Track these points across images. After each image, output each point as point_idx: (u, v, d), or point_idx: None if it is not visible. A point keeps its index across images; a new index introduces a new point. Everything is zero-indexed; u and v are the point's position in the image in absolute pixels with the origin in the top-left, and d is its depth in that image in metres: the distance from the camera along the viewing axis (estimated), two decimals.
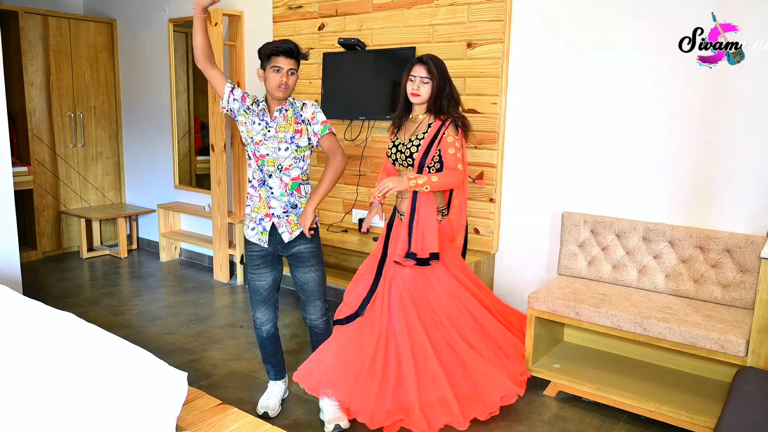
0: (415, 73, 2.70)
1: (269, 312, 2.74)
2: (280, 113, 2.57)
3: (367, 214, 2.91)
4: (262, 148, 2.57)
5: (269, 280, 2.69)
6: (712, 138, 2.86)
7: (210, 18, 3.60)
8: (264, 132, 2.57)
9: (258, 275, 2.68)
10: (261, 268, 2.67)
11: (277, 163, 2.57)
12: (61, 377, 1.86)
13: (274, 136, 2.56)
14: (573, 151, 3.26)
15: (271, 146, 2.56)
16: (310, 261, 2.67)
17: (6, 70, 4.64)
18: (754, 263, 2.75)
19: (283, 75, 2.50)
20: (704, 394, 2.73)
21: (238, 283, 4.73)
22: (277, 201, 2.60)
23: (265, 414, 2.74)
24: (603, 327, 2.77)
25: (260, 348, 2.84)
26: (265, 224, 2.61)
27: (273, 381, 2.88)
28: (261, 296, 2.71)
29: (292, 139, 2.56)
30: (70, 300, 4.30)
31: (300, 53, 2.53)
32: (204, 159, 5.21)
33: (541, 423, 2.74)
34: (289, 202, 2.61)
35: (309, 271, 2.67)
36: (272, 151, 2.56)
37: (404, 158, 2.77)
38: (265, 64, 2.54)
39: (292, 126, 2.57)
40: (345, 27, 4.02)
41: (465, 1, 3.48)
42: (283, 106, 2.58)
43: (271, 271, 2.69)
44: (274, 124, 2.56)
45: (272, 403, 2.79)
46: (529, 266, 3.49)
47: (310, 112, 2.58)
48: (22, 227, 5.13)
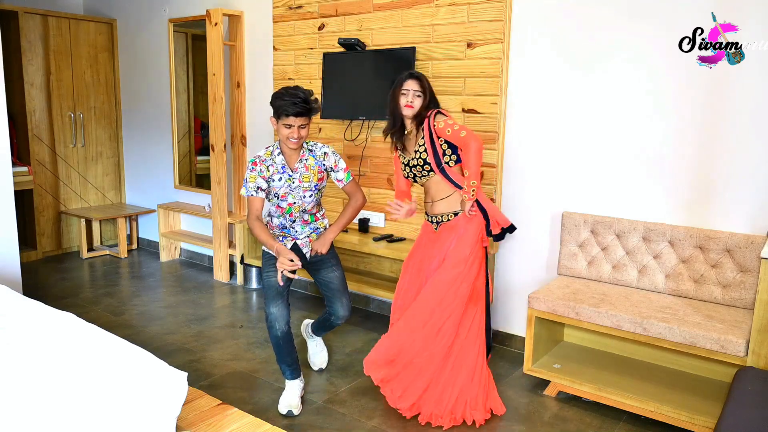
0: (408, 87, 2.74)
1: (283, 309, 2.78)
2: (300, 163, 2.76)
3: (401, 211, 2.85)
4: (289, 198, 2.77)
5: (286, 278, 2.75)
6: (712, 138, 2.86)
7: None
8: (288, 184, 2.76)
9: (275, 273, 2.76)
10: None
11: (302, 208, 2.81)
12: (61, 377, 1.86)
13: (299, 185, 2.76)
14: (573, 151, 3.26)
15: (297, 195, 2.77)
16: (330, 262, 2.93)
17: (6, 70, 4.64)
18: (754, 263, 2.75)
19: (293, 131, 2.65)
20: (704, 394, 2.73)
21: (238, 283, 4.73)
22: (300, 233, 2.87)
23: (289, 412, 2.76)
24: (603, 327, 2.77)
25: (275, 349, 2.83)
26: (287, 242, 2.86)
27: (290, 380, 2.87)
28: (276, 291, 2.77)
29: (316, 186, 2.80)
30: (70, 300, 4.30)
31: (311, 110, 2.64)
32: (204, 159, 5.21)
33: (541, 423, 2.74)
34: (311, 229, 2.89)
35: (331, 270, 2.93)
36: (298, 199, 2.78)
37: (420, 169, 2.77)
38: (277, 115, 2.66)
39: (316, 175, 2.79)
40: (345, 27, 4.02)
41: (465, 1, 3.48)
42: (303, 157, 2.76)
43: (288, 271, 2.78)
44: (297, 175, 2.76)
45: (295, 401, 2.80)
46: (529, 266, 3.49)
47: (332, 161, 2.81)
48: (22, 227, 5.13)
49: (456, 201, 2.77)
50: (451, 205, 2.78)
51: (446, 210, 2.79)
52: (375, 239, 3.87)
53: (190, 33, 5.19)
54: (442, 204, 2.79)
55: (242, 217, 4.69)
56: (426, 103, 2.75)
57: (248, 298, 4.43)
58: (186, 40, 5.20)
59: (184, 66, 5.24)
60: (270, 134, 4.58)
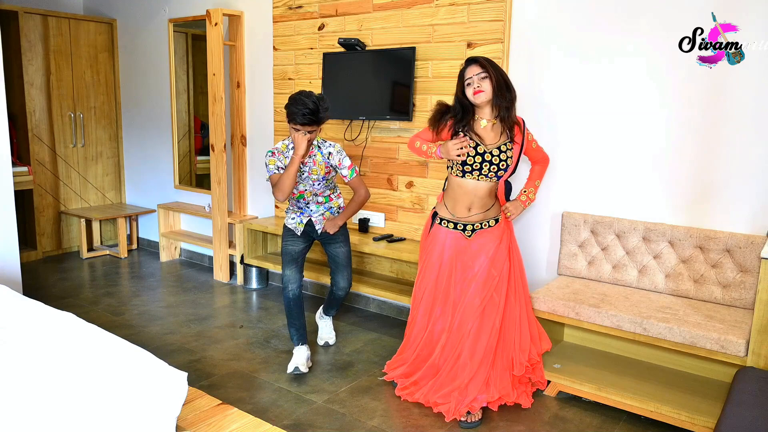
0: (470, 73, 2.64)
1: (297, 272, 3.20)
2: (310, 159, 3.09)
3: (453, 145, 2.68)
4: (300, 186, 3.13)
5: (301, 247, 3.25)
6: (712, 138, 2.86)
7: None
8: (299, 175, 3.10)
9: (292, 242, 3.23)
10: (295, 239, 3.24)
11: (313, 193, 3.18)
12: (61, 377, 1.86)
13: (308, 177, 3.11)
14: (573, 151, 3.26)
15: (307, 184, 3.14)
16: (339, 239, 3.28)
17: (6, 70, 4.65)
18: (754, 263, 2.75)
19: (301, 134, 2.92)
20: (704, 394, 2.73)
21: (238, 283, 4.73)
22: (315, 212, 3.23)
23: (296, 369, 3.08)
24: (603, 327, 2.77)
25: (286, 312, 3.21)
26: (303, 218, 3.24)
27: (297, 346, 3.19)
28: (292, 257, 3.22)
29: (323, 177, 3.14)
30: (70, 300, 4.30)
31: (319, 120, 2.89)
32: (204, 159, 5.21)
33: (541, 423, 2.74)
34: (325, 208, 3.25)
35: (339, 246, 3.28)
36: (309, 186, 3.15)
37: (497, 168, 2.72)
38: (288, 119, 2.93)
39: (323, 169, 3.12)
40: (345, 27, 4.02)
41: (465, 1, 3.48)
42: (312, 153, 3.09)
43: (303, 242, 3.26)
44: (306, 168, 3.10)
45: (301, 361, 3.12)
46: (529, 266, 3.49)
47: (336, 160, 3.11)
48: (22, 227, 5.14)
49: (496, 209, 2.84)
50: (491, 213, 2.82)
51: (484, 218, 2.81)
52: (375, 239, 3.87)
53: (190, 33, 5.19)
54: (482, 212, 2.80)
55: (242, 217, 4.69)
56: (496, 85, 2.62)
57: (248, 298, 4.43)
58: (186, 40, 5.20)
59: (184, 66, 5.24)
60: (270, 134, 4.58)
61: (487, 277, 2.74)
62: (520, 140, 2.78)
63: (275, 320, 3.97)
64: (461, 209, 2.80)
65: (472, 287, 2.75)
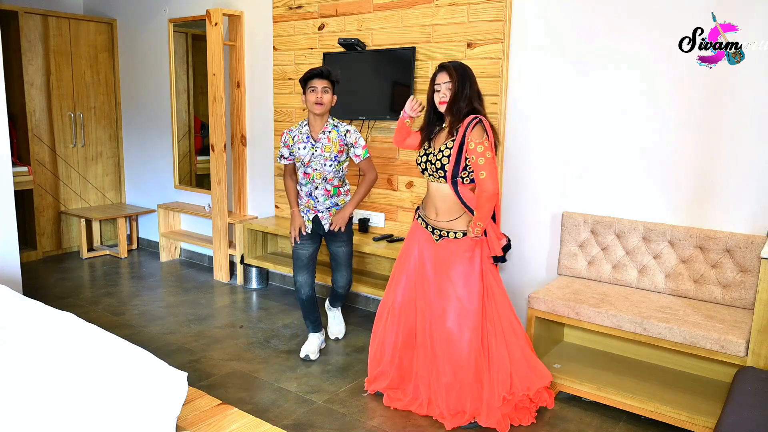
0: (439, 81, 2.65)
1: (308, 277, 3.33)
2: (324, 135, 3.16)
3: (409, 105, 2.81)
4: (312, 164, 3.18)
5: (310, 250, 3.33)
6: (712, 138, 2.86)
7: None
8: (311, 152, 3.17)
9: (301, 246, 3.32)
10: (304, 241, 3.31)
11: (323, 175, 3.20)
12: (61, 377, 1.86)
13: (321, 155, 3.16)
14: (573, 151, 3.26)
15: (318, 163, 3.17)
16: (342, 239, 3.34)
17: (6, 70, 4.64)
18: (754, 263, 2.75)
19: (318, 93, 3.06)
20: (704, 394, 2.73)
21: (238, 283, 4.73)
22: (321, 204, 3.27)
23: (306, 356, 3.31)
24: (603, 327, 2.77)
25: (301, 308, 3.41)
26: (310, 215, 3.30)
27: (312, 333, 3.43)
28: (302, 263, 3.32)
29: (336, 157, 3.18)
30: (70, 300, 4.30)
31: (331, 73, 3.09)
32: (204, 159, 5.21)
33: (541, 423, 2.74)
34: (331, 203, 3.29)
35: (341, 245, 3.36)
36: (319, 166, 3.18)
37: (435, 170, 2.68)
38: (304, 88, 3.10)
39: (337, 147, 3.17)
40: (345, 27, 4.02)
41: (465, 1, 3.48)
42: (326, 129, 3.17)
43: (312, 243, 3.33)
44: (319, 144, 3.16)
45: (313, 349, 3.36)
46: (529, 266, 3.49)
47: (353, 138, 3.20)
48: (22, 227, 5.14)
49: (463, 222, 2.71)
50: (457, 225, 2.72)
51: (452, 228, 2.72)
52: (375, 239, 3.87)
53: (190, 33, 5.19)
54: (448, 222, 2.73)
55: (242, 217, 4.69)
56: (457, 92, 2.59)
57: (248, 298, 4.43)
58: (186, 40, 5.20)
59: (184, 66, 5.24)
60: (270, 134, 4.58)
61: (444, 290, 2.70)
62: (460, 140, 2.60)
63: (275, 320, 3.97)
64: (430, 211, 2.80)
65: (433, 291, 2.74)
